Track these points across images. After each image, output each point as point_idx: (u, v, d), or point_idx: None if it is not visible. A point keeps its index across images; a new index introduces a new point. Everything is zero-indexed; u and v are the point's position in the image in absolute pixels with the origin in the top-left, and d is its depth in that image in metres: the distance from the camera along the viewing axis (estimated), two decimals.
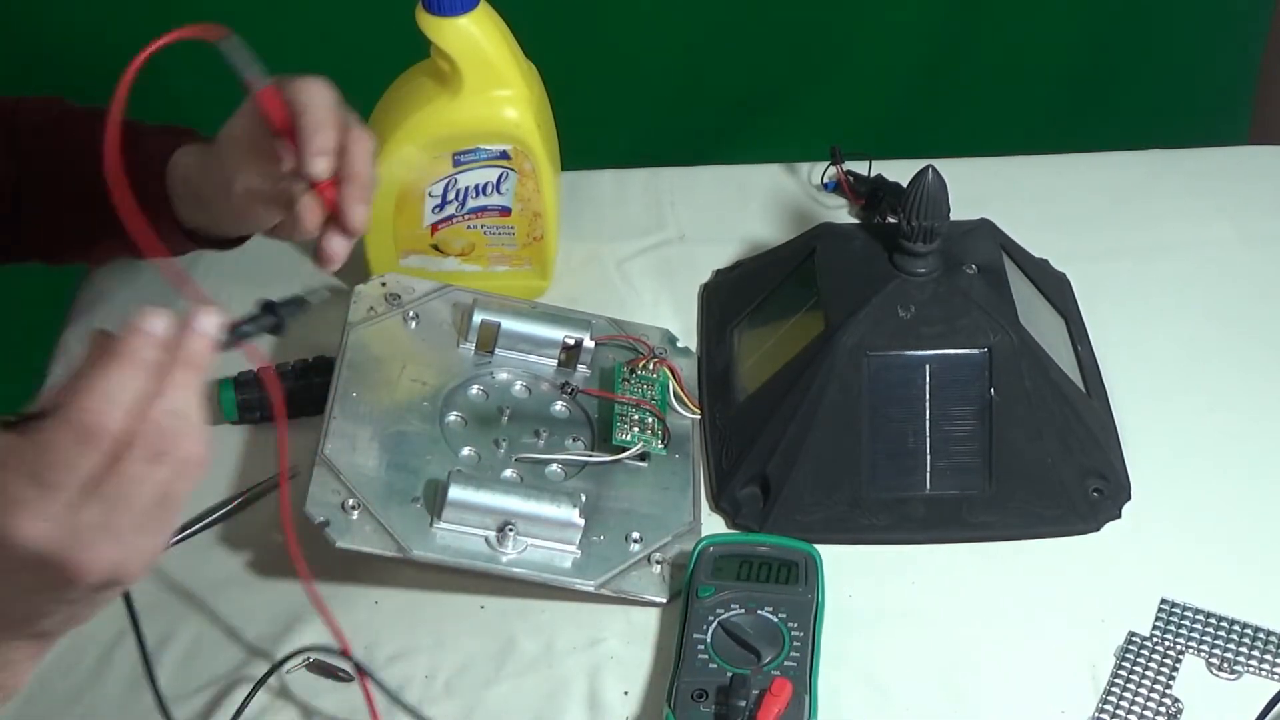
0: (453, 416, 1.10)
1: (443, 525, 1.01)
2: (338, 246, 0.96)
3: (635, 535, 1.05)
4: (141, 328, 0.69)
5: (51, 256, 1.19)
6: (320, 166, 0.91)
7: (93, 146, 1.00)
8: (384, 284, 1.17)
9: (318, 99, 0.94)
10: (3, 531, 0.67)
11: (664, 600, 1.03)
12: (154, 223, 1.03)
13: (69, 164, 1.13)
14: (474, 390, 1.13)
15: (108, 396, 0.68)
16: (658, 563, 1.04)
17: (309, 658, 0.98)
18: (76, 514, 0.68)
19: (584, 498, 1.03)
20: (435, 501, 1.01)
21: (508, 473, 1.07)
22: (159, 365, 0.69)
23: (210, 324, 0.73)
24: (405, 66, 1.20)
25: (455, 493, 1.01)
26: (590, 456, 1.09)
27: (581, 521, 1.02)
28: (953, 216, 1.08)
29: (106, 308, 1.25)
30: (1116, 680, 0.98)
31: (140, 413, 0.69)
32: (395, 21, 1.17)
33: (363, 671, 0.95)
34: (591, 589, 1.02)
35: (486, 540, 1.01)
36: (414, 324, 1.15)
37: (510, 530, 1.01)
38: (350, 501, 1.00)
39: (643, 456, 1.10)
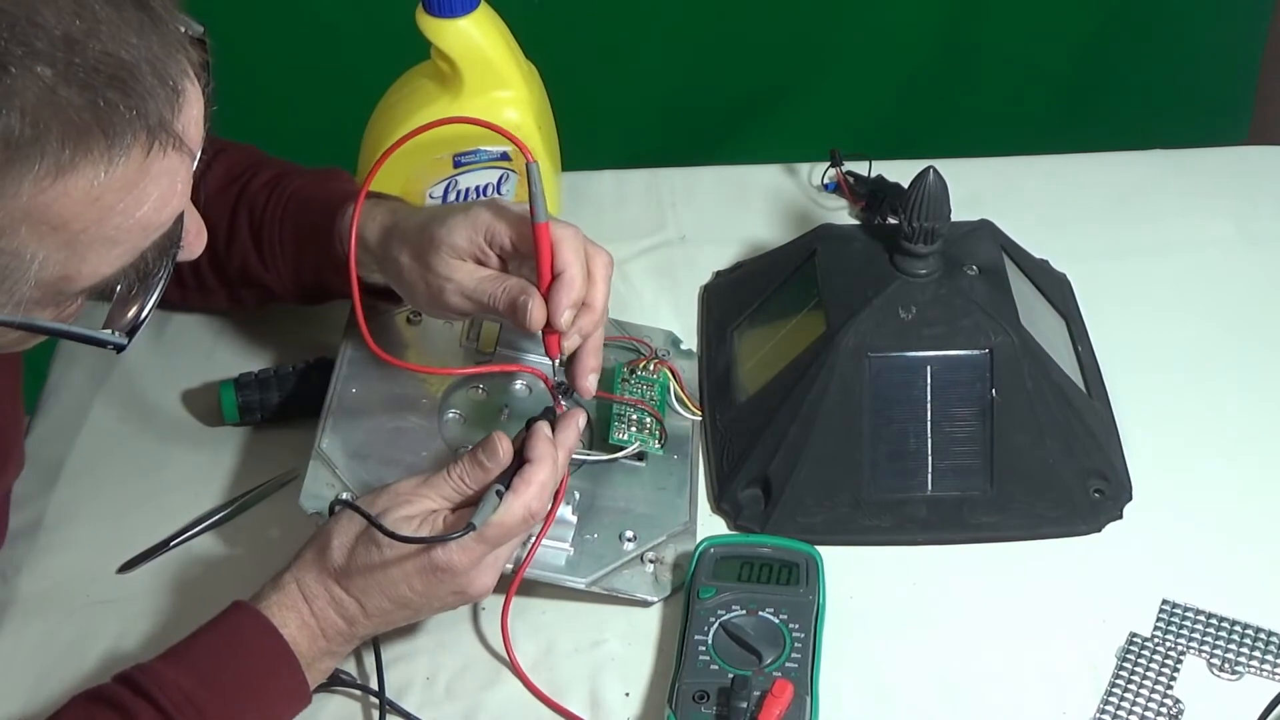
0: (452, 414, 1.10)
1: None
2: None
3: (629, 534, 1.05)
4: (547, 436, 0.99)
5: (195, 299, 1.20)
6: (567, 319, 1.01)
7: (261, 201, 1.12)
8: None
9: (578, 254, 1.01)
10: (478, 590, 0.96)
11: (654, 600, 1.03)
12: (330, 275, 1.11)
13: (253, 214, 1.14)
14: (474, 388, 1.13)
15: (543, 494, 0.96)
16: (650, 562, 1.04)
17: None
18: (498, 562, 0.97)
19: (578, 495, 1.03)
20: None
21: None
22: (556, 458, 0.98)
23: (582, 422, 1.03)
24: (406, 68, 1.20)
25: None
26: (587, 455, 1.09)
27: (575, 519, 1.02)
28: (953, 217, 1.08)
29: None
30: (1117, 681, 0.98)
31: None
32: (396, 23, 1.17)
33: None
34: (582, 586, 1.02)
35: None
36: (418, 322, 1.15)
37: None
38: (345, 495, 1.00)
39: (640, 456, 1.10)
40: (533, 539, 1.00)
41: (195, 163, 0.76)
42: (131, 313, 0.79)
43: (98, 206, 0.71)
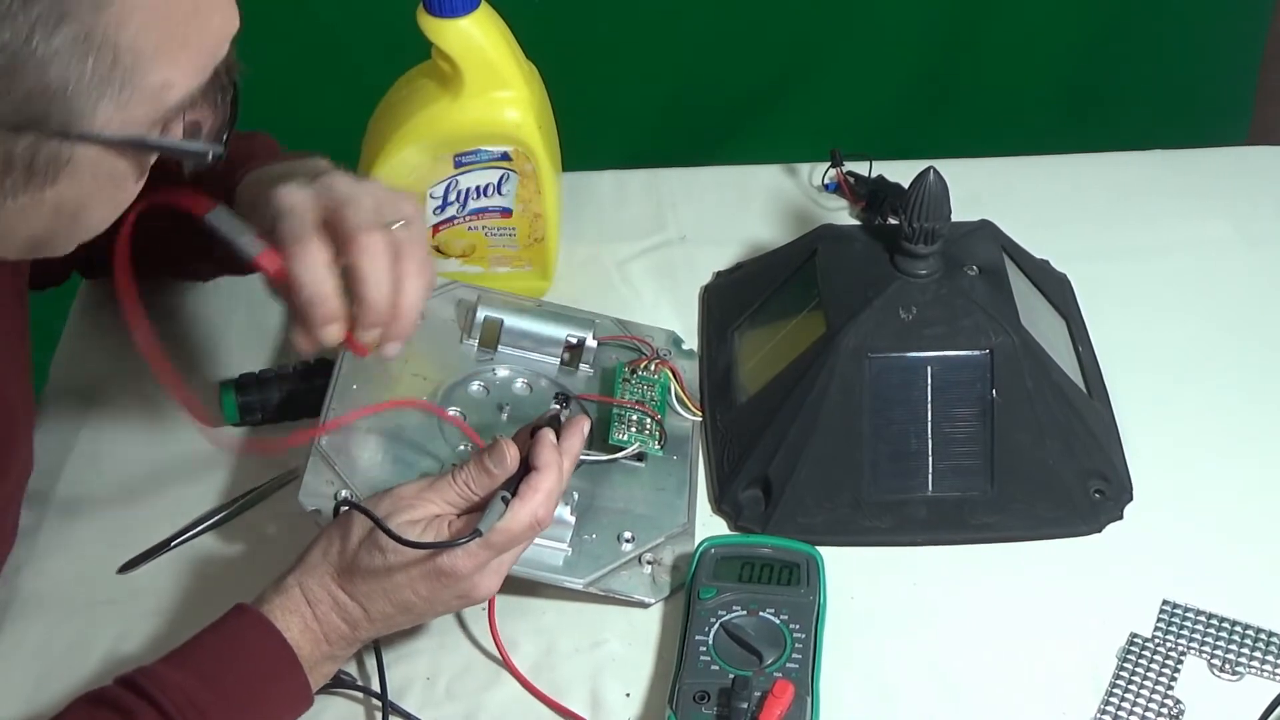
0: (452, 412, 1.10)
1: None
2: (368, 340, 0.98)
3: (627, 535, 1.05)
4: (553, 444, 0.97)
5: (173, 270, 1.21)
6: (370, 337, 0.97)
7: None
8: None
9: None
10: (483, 594, 0.96)
11: (652, 601, 1.03)
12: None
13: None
14: (475, 386, 1.13)
15: (549, 502, 0.95)
16: (648, 563, 1.04)
17: None
18: (503, 567, 0.97)
19: (576, 496, 1.03)
20: None
21: None
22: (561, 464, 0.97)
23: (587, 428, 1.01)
24: (406, 68, 1.20)
25: None
26: (586, 455, 1.09)
27: (573, 519, 1.02)
28: (953, 217, 1.08)
29: (107, 308, 1.25)
30: (1118, 681, 0.98)
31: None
32: (396, 23, 1.17)
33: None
34: (580, 587, 1.02)
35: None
36: (419, 319, 1.15)
37: None
38: (344, 493, 1.00)
39: (639, 457, 1.10)
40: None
41: None
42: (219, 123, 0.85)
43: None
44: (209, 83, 0.82)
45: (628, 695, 0.99)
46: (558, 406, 1.09)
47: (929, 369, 1.07)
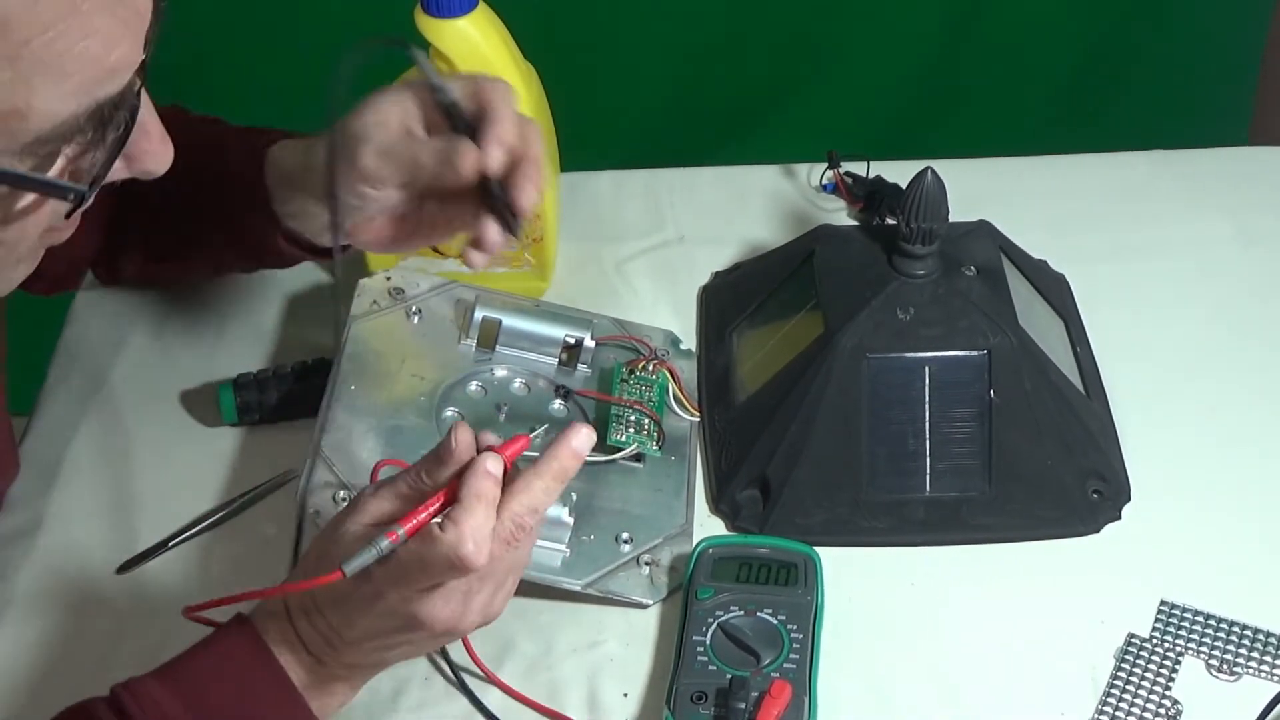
0: (450, 412, 1.10)
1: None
2: (493, 235, 0.96)
3: (625, 536, 1.05)
4: (488, 471, 0.85)
5: (155, 261, 1.20)
6: (497, 157, 0.95)
7: (201, 156, 1.05)
8: (388, 278, 1.17)
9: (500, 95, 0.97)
10: (456, 627, 0.87)
11: (650, 602, 1.03)
12: (253, 226, 1.09)
13: (175, 172, 1.13)
14: (472, 386, 1.13)
15: (476, 538, 0.83)
16: (646, 564, 1.04)
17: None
18: (469, 601, 0.86)
19: (574, 497, 1.03)
20: None
21: None
22: (496, 497, 0.85)
23: (586, 444, 0.88)
24: (405, 68, 1.20)
25: None
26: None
27: (571, 520, 1.02)
28: (951, 217, 1.08)
29: (107, 309, 1.25)
30: (1116, 682, 0.98)
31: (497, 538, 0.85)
32: (394, 23, 1.16)
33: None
34: (578, 588, 1.02)
35: None
36: (417, 319, 1.15)
37: None
38: (342, 493, 1.01)
39: (638, 458, 1.10)
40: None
41: (146, 28, 0.75)
42: (90, 163, 0.76)
43: (35, 11, 0.70)
44: (89, 118, 0.74)
45: (625, 695, 0.99)
46: (561, 406, 1.09)
47: (927, 369, 1.07)
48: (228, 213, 1.11)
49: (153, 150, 0.81)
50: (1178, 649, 1.00)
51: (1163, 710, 0.96)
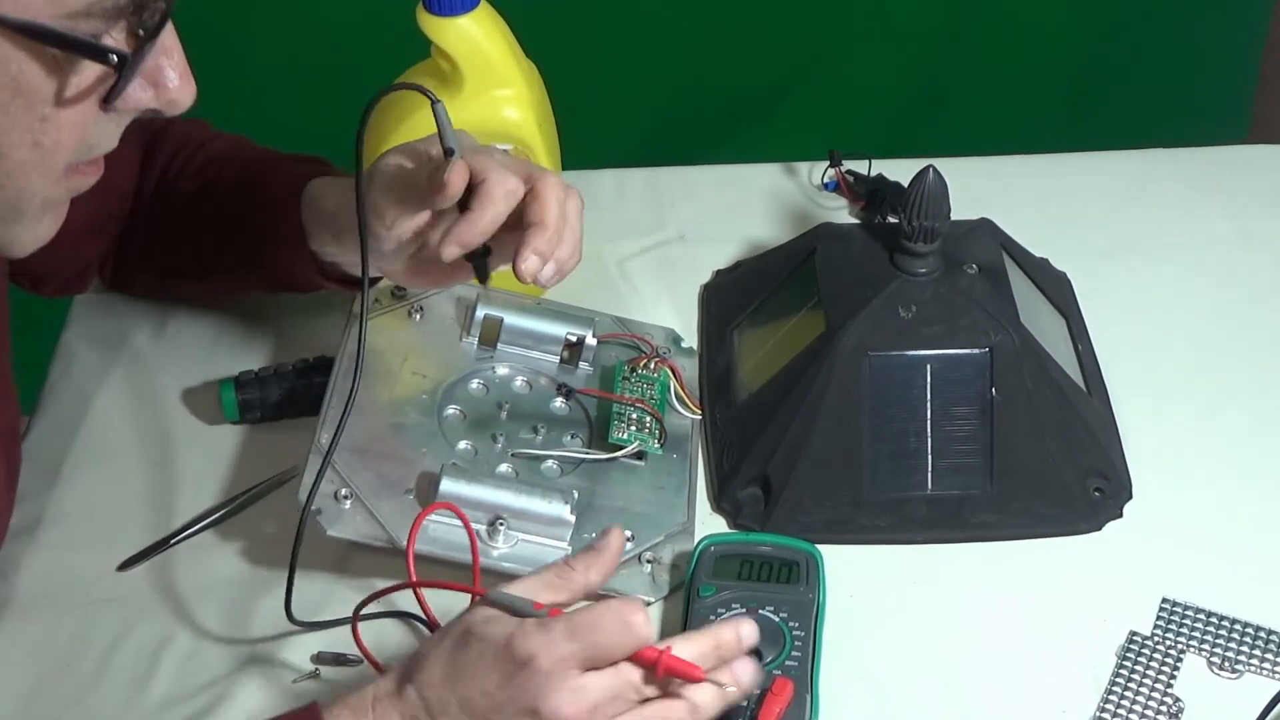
0: (451, 410, 1.10)
1: (433, 518, 1.00)
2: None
3: (627, 534, 1.04)
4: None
5: (168, 278, 1.21)
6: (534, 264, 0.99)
7: (228, 173, 1.12)
8: None
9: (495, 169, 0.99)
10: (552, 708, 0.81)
11: (651, 600, 1.03)
12: (288, 253, 1.11)
13: (203, 187, 1.15)
14: (474, 385, 1.13)
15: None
16: (648, 562, 1.04)
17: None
18: (585, 691, 0.82)
19: (576, 494, 1.03)
20: (427, 494, 1.01)
21: (503, 468, 1.07)
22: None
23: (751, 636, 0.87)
24: (406, 66, 1.20)
25: (446, 485, 1.00)
26: (585, 454, 1.09)
27: (573, 518, 1.02)
28: (953, 216, 1.08)
29: (107, 308, 1.25)
30: (1117, 680, 0.98)
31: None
32: (396, 21, 1.17)
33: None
34: None
35: (478, 534, 1.01)
36: (418, 317, 1.15)
37: (500, 525, 1.00)
38: (343, 491, 1.00)
39: (639, 456, 1.10)
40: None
41: None
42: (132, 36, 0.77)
43: None
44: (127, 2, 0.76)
45: None
46: (562, 404, 1.09)
47: (928, 367, 1.07)
48: (256, 243, 1.13)
49: (178, 81, 0.81)
50: (1179, 647, 1.00)
51: (1164, 708, 0.96)
